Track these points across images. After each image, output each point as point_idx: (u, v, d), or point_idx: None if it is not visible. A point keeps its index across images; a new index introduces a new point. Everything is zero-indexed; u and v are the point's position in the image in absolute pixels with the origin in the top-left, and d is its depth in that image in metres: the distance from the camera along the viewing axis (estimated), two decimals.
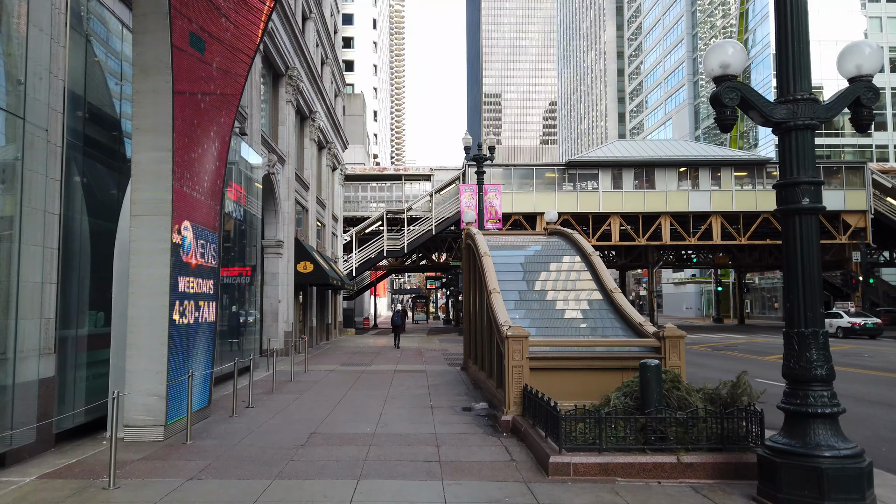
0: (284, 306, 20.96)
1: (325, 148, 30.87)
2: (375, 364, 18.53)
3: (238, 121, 15.23)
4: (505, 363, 9.04)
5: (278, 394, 12.35)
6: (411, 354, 22.11)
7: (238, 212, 14.90)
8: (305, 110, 25.08)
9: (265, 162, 18.83)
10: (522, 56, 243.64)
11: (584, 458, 6.44)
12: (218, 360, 13.52)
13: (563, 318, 11.08)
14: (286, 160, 21.39)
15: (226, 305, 14.77)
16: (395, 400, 11.55)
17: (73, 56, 8.12)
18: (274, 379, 13.18)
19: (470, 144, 28.82)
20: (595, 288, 11.95)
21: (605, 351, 9.35)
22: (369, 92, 76.78)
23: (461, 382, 14.06)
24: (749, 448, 6.63)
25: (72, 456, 7.31)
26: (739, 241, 40.06)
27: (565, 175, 40.01)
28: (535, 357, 9.02)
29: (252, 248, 16.25)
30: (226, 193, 13.62)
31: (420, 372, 16.23)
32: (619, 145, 43.37)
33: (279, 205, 20.74)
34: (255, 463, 6.99)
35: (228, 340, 14.72)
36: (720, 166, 39.73)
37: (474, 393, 12.40)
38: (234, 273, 15.47)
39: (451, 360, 19.38)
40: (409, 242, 39.07)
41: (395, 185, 44.36)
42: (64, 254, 7.70)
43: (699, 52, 79.61)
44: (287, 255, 21.30)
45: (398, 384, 13.78)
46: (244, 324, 15.77)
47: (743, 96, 5.77)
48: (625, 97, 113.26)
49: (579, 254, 13.34)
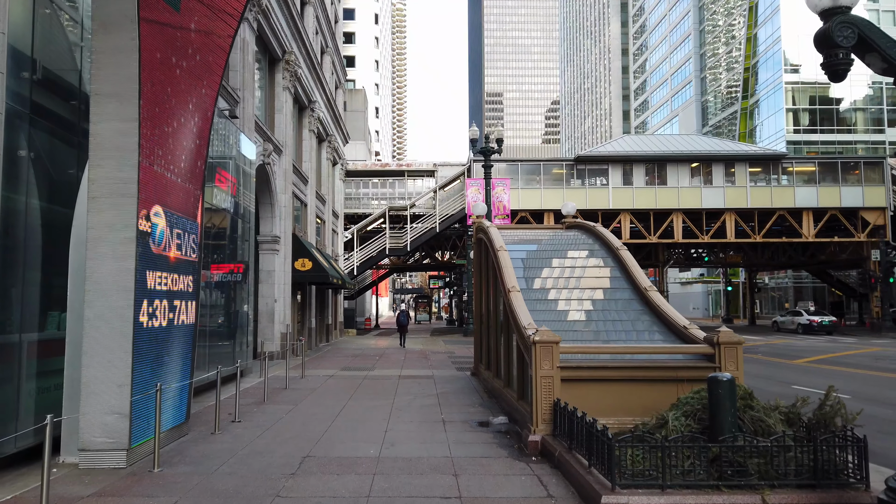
0: (281, 306, 19.66)
1: (324, 141, 29.56)
2: (378, 368, 17.22)
3: (228, 103, 13.92)
4: (531, 373, 7.72)
5: (270, 404, 11.04)
6: (416, 357, 20.79)
7: (229, 203, 13.59)
8: (304, 99, 23.77)
9: (260, 151, 17.53)
10: (524, 55, 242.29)
11: (645, 500, 5.11)
12: (204, 366, 12.24)
13: (592, 320, 9.76)
14: (283, 151, 20.08)
15: (215, 305, 13.48)
16: (401, 412, 10.23)
17: (18, 5, 6.80)
18: (266, 386, 11.86)
19: (476, 136, 27.53)
20: (626, 286, 10.63)
21: (647, 359, 8.02)
22: (371, 88, 75.45)
23: (473, 390, 12.74)
24: (849, 485, 5.31)
25: (10, 489, 6.00)
26: (754, 240, 38.69)
27: (573, 171, 38.67)
28: (568, 366, 7.70)
29: (245, 243, 14.94)
30: (214, 180, 12.32)
31: (427, 378, 14.92)
32: (629, 140, 42.01)
33: (275, 198, 19.43)
34: (233, 500, 5.67)
35: (217, 344, 13.42)
36: (734, 161, 38.35)
37: (489, 403, 11.08)
38: (226, 270, 14.17)
39: (460, 365, 18.06)
40: (412, 240, 37.75)
41: (397, 181, 43.01)
42: (4, 244, 6.38)
43: (707, 46, 78.21)
44: (284, 252, 19.99)
45: (404, 392, 12.46)
46: (236, 325, 14.47)
47: (861, 34, 4.44)
48: (629, 95, 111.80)
49: (605, 248, 12.02)
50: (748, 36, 67.40)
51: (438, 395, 12.17)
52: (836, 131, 60.40)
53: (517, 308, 9.29)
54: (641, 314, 9.75)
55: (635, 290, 10.45)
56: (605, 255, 11.74)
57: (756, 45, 66.29)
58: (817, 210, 38.00)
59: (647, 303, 9.92)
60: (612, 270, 11.19)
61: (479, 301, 15.09)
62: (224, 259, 13.96)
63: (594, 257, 11.76)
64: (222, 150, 13.02)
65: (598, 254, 11.80)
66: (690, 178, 38.43)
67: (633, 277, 10.65)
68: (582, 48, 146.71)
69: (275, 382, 13.81)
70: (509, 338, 10.47)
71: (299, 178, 23.23)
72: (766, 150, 39.87)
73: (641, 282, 10.43)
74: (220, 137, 12.89)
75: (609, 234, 12.15)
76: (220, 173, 12.90)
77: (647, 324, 9.41)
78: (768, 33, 63.26)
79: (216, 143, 12.66)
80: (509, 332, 10.46)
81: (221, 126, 13.03)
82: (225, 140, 13.23)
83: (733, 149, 39.96)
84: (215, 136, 12.64)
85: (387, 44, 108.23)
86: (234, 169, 14.16)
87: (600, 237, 12.33)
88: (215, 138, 12.64)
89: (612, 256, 11.48)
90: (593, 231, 12.79)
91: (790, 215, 38.18)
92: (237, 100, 15.02)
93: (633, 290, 10.50)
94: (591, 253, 11.94)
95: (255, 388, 12.93)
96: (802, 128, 60.36)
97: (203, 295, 12.04)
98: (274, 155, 19.20)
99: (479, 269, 15.26)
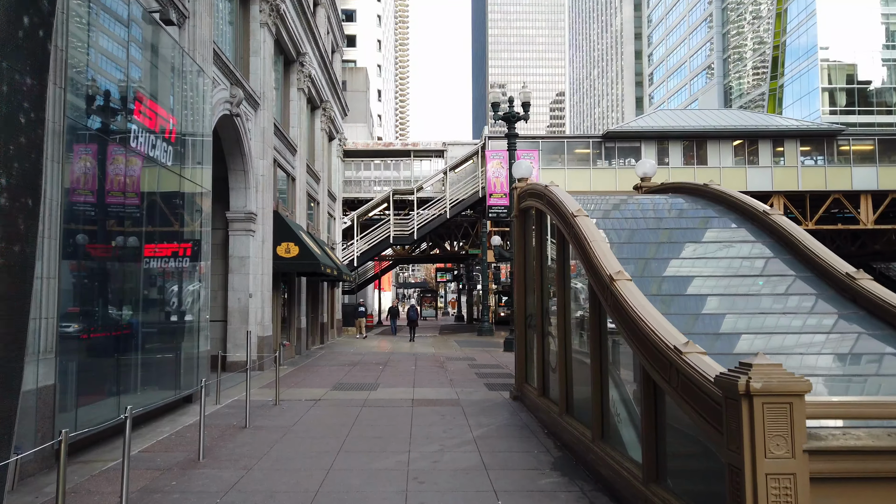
0: (258, 302, 15.38)
1: (318, 109, 25.20)
2: (383, 386, 12.94)
3: (161, 4, 9.55)
4: (736, 463, 3.42)
5: (207, 467, 6.74)
6: (429, 366, 16.52)
7: (166, 153, 9.29)
8: (290, 50, 19.42)
9: (225, 97, 13.21)
10: (529, 46, 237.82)
11: None
12: (130, 389, 8.00)
13: (773, 332, 5.45)
14: (261, 105, 15.75)
15: (149, 301, 9.23)
16: (424, 487, 5.95)
17: None
18: (202, 433, 7.59)
19: (500, 100, 23.16)
20: (805, 272, 6.32)
21: None
22: (373, 69, 70.94)
23: (527, 431, 8.44)
24: None
25: None
26: (806, 226, 34.25)
27: (601, 149, 34.27)
28: (826, 450, 3.39)
29: (197, 215, 10.66)
30: (134, 113, 8.01)
31: (451, 403, 10.64)
32: (662, 115, 37.56)
33: (249, 163, 15.11)
34: None
35: (151, 357, 9.17)
36: (783, 138, 33.93)
37: (563, 460, 6.78)
38: (165, 252, 9.88)
39: (489, 379, 13.79)
40: (420, 227, 33.43)
41: (402, 162, 38.63)
42: None
43: (729, 25, 73.57)
44: (262, 234, 15.69)
45: (423, 435, 8.18)
46: (182, 330, 10.20)
47: None
48: (642, 81, 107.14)
49: (749, 222, 7.68)
50: (778, 11, 62.78)
51: (477, 440, 7.88)
52: (876, 112, 55.88)
53: (642, 310, 4.99)
54: (871, 327, 5.42)
55: (824, 279, 6.13)
56: (746, 230, 7.43)
57: (786, 21, 61.68)
58: (877, 193, 33.61)
59: (872, 306, 5.58)
60: (762, 248, 6.89)
61: (523, 294, 10.80)
62: (161, 238, 9.68)
63: (726, 230, 7.46)
64: (148, 69, 8.71)
65: (735, 229, 7.49)
66: (734, 156, 34.07)
67: (814, 259, 6.33)
68: (592, 34, 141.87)
69: (234, 414, 9.53)
70: (601, 356, 6.21)
71: (285, 144, 18.91)
72: (820, 126, 35.42)
73: (836, 265, 6.11)
74: (145, 47, 8.58)
75: (752, 201, 7.79)
76: (146, 105, 8.59)
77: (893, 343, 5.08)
78: (801, 7, 58.64)
79: (136, 56, 8.35)
80: (600, 345, 6.22)
81: (149, 33, 8.72)
82: (156, 55, 8.92)
83: (781, 124, 35.50)
84: (135, 46, 8.32)
85: (389, 26, 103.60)
86: (180, 104, 9.85)
87: (737, 204, 7.97)
88: (136, 48, 8.32)
89: (770, 234, 7.15)
90: (717, 195, 8.44)
91: (846, 199, 33.80)
92: (184, 14, 10.67)
93: (818, 279, 6.18)
94: (715, 224, 7.64)
95: (195, 429, 8.66)
96: (839, 108, 55.84)
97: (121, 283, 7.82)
98: (247, 106, 14.87)
99: (524, 251, 10.97)
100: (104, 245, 7.94)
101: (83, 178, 7.24)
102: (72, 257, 7.13)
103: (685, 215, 8.08)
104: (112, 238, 8.04)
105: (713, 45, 76.67)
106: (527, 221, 10.87)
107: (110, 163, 7.79)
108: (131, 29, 8.27)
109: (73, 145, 6.91)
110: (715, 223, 7.59)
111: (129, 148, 8.14)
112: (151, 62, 8.83)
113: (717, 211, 8.00)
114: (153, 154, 8.84)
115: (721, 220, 7.78)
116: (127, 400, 8.24)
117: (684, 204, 8.66)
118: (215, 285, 15.17)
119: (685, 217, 8.03)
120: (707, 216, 7.91)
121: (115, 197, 8.04)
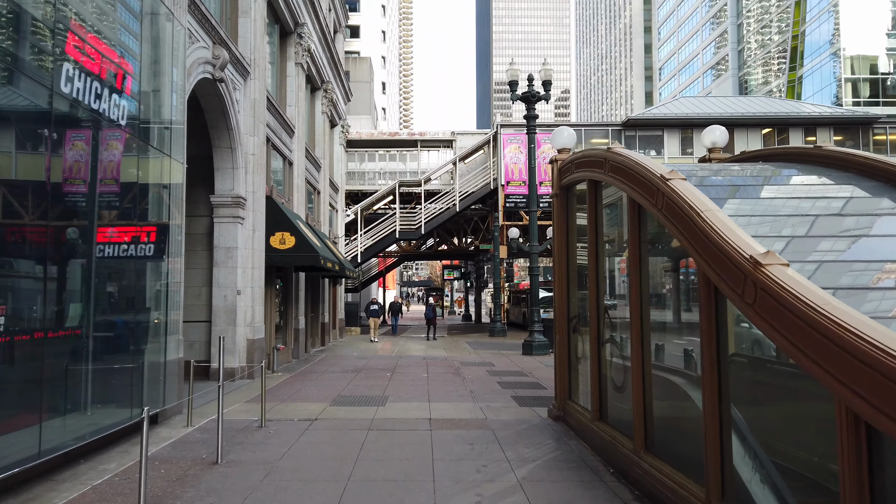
0: (247, 300, 13.35)
1: (319, 90, 23.15)
2: (392, 398, 10.89)
3: None
4: None
5: None
6: (444, 372, 14.47)
7: (115, 108, 7.24)
8: (287, 18, 17.37)
9: (206, 57, 11.16)
10: (534, 43, 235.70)
11: None
12: (78, 410, 6.02)
13: None
14: (251, 73, 13.71)
15: (102, 298, 7.23)
16: None
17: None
18: (143, 479, 5.56)
19: (517, 78, 21.09)
20: None
21: None
22: (377, 60, 68.84)
23: (583, 467, 6.38)
24: None
25: None
26: None
27: (621, 138, 32.14)
28: None
29: (164, 192, 8.63)
30: (65, 48, 5.97)
31: (479, 426, 8.59)
32: (685, 102, 35.40)
33: (237, 139, 13.07)
34: None
35: (104, 368, 7.15)
36: (815, 126, 31.79)
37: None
38: (121, 237, 7.85)
39: (515, 390, 11.74)
40: (427, 221, 31.38)
41: (408, 153, 36.51)
42: None
43: (745, 16, 71.29)
44: (252, 221, 13.66)
45: (449, 476, 6.13)
46: (143, 334, 8.17)
47: None
48: (652, 75, 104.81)
49: (871, 183, 5.63)
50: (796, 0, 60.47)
51: (524, 487, 5.82)
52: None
53: (841, 313, 2.93)
54: None
55: None
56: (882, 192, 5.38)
57: (806, 10, 59.38)
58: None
59: None
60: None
61: (565, 291, 8.74)
62: (116, 219, 7.66)
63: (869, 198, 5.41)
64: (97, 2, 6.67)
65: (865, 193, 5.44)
66: (763, 145, 31.86)
67: None
68: (599, 28, 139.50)
69: (205, 441, 7.49)
70: (727, 384, 4.18)
71: (280, 123, 16.87)
72: (855, 113, 33.22)
73: None
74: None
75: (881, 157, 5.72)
76: (88, 42, 6.55)
77: None
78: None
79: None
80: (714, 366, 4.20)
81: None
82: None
83: (813, 111, 33.36)
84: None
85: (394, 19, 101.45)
86: (139, 50, 7.82)
87: (859, 163, 5.90)
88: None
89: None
90: (836, 156, 6.35)
91: None
92: None
93: None
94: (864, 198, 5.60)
95: (165, 459, 6.62)
96: (863, 100, 53.54)
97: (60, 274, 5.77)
98: (233, 72, 12.83)
99: (566, 237, 8.93)
100: (36, 228, 5.93)
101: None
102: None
103: (822, 182, 5.99)
104: (46, 216, 6.03)
105: (727, 37, 74.38)
106: (570, 200, 8.82)
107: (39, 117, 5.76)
108: None
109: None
110: (859, 191, 5.52)
111: (61, 94, 6.10)
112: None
113: (853, 178, 5.92)
114: (99, 107, 6.80)
115: (844, 186, 5.73)
116: (63, 425, 6.22)
117: (805, 175, 6.58)
118: (198, 280, 13.16)
119: (823, 185, 5.95)
120: (839, 182, 5.84)
121: (51, 163, 6.01)
